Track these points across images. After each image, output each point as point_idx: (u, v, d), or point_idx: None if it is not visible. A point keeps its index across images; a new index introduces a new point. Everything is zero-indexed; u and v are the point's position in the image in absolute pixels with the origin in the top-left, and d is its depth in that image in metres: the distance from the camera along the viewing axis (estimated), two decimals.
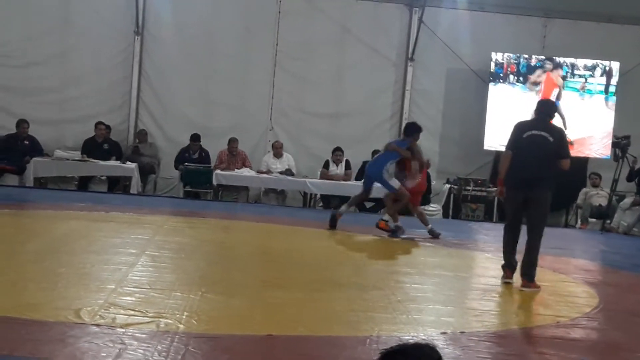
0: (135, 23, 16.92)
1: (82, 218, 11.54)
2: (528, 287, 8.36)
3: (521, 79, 17.26)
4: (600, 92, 17.32)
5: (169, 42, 17.15)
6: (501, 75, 17.22)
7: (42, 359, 4.71)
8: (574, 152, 13.52)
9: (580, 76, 17.34)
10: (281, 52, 17.37)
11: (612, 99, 17.27)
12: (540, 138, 8.38)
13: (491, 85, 17.15)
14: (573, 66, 17.30)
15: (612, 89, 17.28)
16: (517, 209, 8.52)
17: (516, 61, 17.27)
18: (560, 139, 8.48)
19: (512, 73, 17.28)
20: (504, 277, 8.66)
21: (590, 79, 17.31)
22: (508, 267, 8.64)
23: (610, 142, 16.47)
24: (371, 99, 17.62)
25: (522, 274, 8.44)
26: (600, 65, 17.25)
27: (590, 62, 17.28)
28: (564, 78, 17.33)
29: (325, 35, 17.49)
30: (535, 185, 8.33)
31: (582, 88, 17.35)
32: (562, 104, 16.75)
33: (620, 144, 15.28)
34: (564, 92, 17.31)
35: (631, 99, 17.37)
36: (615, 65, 17.22)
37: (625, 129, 16.09)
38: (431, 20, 17.38)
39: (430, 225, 12.31)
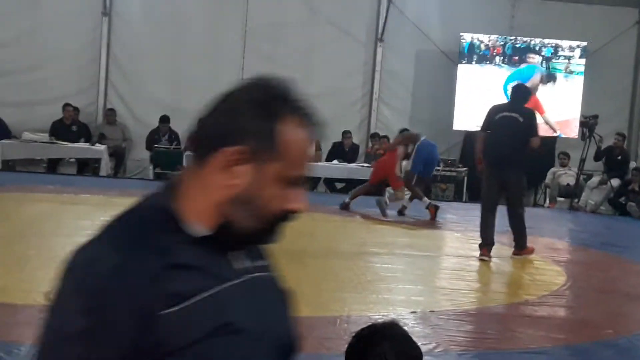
0: (102, 4, 16.75)
1: (51, 200, 11.46)
2: (521, 254, 8.97)
3: (506, 59, 17.33)
4: (580, 73, 17.40)
5: (137, 23, 17.01)
6: (475, 54, 17.23)
7: (11, 342, 4.69)
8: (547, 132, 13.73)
9: (565, 57, 17.42)
10: (250, 32, 17.29)
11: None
12: (511, 119, 8.76)
13: (460, 66, 17.18)
14: (557, 47, 17.37)
15: (580, 68, 17.39)
16: (494, 188, 8.86)
17: (502, 43, 17.32)
18: (529, 119, 8.90)
19: (497, 55, 17.34)
20: (481, 254, 8.89)
21: (572, 60, 17.41)
22: (486, 246, 8.89)
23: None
24: (341, 80, 17.59)
25: (516, 244, 9.04)
26: (581, 45, 17.32)
27: (575, 43, 17.34)
28: (548, 59, 17.41)
29: (295, 16, 17.42)
30: (509, 165, 8.69)
31: (567, 69, 17.44)
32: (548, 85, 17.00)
33: (588, 124, 15.40)
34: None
35: (598, 79, 17.50)
36: (582, 45, 17.33)
37: (593, 109, 16.21)
38: (400, 1, 17.37)
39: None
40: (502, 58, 17.34)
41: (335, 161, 15.99)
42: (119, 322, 1.43)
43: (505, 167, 8.71)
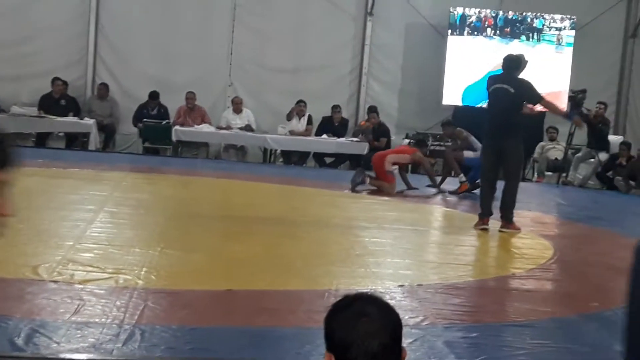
0: None
1: (40, 175, 11.41)
2: (507, 228, 9.04)
3: (498, 32, 17.29)
4: (570, 44, 17.38)
5: None
6: (467, 26, 17.17)
7: (0, 316, 4.71)
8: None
9: (556, 29, 17.40)
10: (240, 6, 17.20)
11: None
12: (502, 91, 8.96)
13: (450, 37, 17.11)
14: (550, 19, 17.37)
15: (570, 40, 17.38)
16: (492, 160, 9.07)
17: (494, 15, 17.29)
18: (521, 89, 9.05)
19: (489, 26, 17.30)
20: (480, 224, 9.11)
21: (562, 32, 17.40)
22: (486, 215, 9.12)
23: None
24: (331, 54, 17.55)
25: (502, 216, 9.10)
26: (571, 18, 17.29)
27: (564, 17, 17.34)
28: (539, 31, 17.39)
29: None
30: (505, 136, 8.90)
31: (559, 40, 17.43)
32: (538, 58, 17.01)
33: (576, 98, 15.41)
34: (541, 45, 17.39)
35: (587, 53, 17.51)
36: (572, 20, 17.31)
37: (582, 83, 16.22)
38: None
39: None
40: (493, 30, 17.31)
41: (324, 135, 15.98)
42: None
43: (501, 138, 8.95)
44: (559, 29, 17.34)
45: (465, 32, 17.20)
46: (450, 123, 14.44)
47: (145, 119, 16.05)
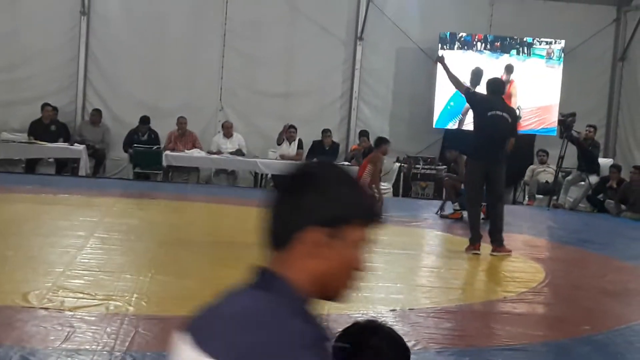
0: (81, 3, 16.66)
1: (30, 201, 11.41)
2: (499, 252, 9.08)
3: (488, 46, 17.37)
4: (560, 60, 17.48)
5: (116, 22, 16.94)
6: (457, 40, 17.25)
7: None
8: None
9: (546, 42, 17.50)
10: (230, 31, 17.26)
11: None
12: (502, 119, 9.09)
13: (440, 52, 17.20)
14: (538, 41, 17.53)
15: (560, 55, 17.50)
16: (481, 182, 9.16)
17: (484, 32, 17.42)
18: (514, 120, 9.33)
19: (479, 41, 17.39)
20: (471, 248, 9.16)
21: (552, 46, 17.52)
22: (477, 240, 9.18)
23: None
24: (321, 78, 17.61)
25: (493, 240, 9.13)
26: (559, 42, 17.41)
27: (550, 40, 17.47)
28: (529, 45, 17.48)
29: (275, 14, 17.41)
30: (498, 159, 9.08)
31: (549, 54, 17.52)
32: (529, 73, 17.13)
33: (565, 122, 15.48)
34: (531, 60, 17.51)
35: (576, 77, 17.61)
36: (560, 44, 17.42)
37: (570, 107, 16.31)
38: (380, 0, 17.40)
39: None
40: (483, 44, 17.39)
41: (315, 160, 15.97)
42: None
43: (493, 162, 9.07)
44: (549, 43, 17.43)
45: (456, 47, 17.26)
46: (453, 148, 14.42)
47: (135, 144, 16.04)
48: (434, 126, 17.34)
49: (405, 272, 8.18)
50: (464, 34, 17.32)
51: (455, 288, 7.46)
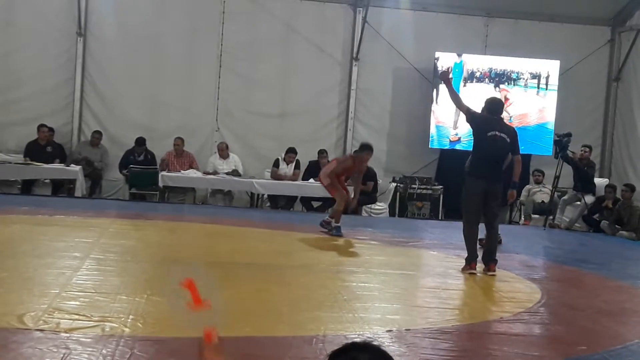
0: (77, 24, 16.72)
1: (25, 222, 11.39)
2: (494, 270, 9.23)
3: (492, 82, 17.45)
4: (553, 89, 17.57)
5: (112, 43, 16.99)
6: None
7: None
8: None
9: (533, 76, 17.58)
10: (226, 52, 17.32)
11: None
12: (501, 140, 9.21)
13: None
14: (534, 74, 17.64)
15: (552, 87, 17.55)
16: (479, 201, 9.22)
17: (489, 69, 17.46)
18: (514, 139, 9.36)
19: (486, 77, 17.46)
20: (467, 268, 9.24)
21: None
22: (473, 259, 9.28)
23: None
24: (317, 98, 17.66)
25: (489, 260, 9.24)
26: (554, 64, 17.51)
27: (550, 68, 17.53)
28: (517, 80, 17.58)
29: (270, 35, 17.48)
30: (497, 179, 9.22)
31: (539, 86, 17.60)
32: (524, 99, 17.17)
33: (561, 142, 15.52)
34: (525, 91, 17.59)
35: (571, 97, 17.68)
36: (555, 64, 17.49)
37: (566, 127, 16.37)
38: (375, 20, 17.47)
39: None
40: (489, 80, 17.48)
41: (311, 180, 16.00)
42: None
43: (492, 181, 9.19)
44: (536, 76, 17.50)
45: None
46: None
47: (131, 165, 16.05)
48: (429, 146, 17.38)
49: (401, 292, 8.17)
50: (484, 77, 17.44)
51: (452, 308, 7.45)
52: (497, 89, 17.23)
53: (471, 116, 9.47)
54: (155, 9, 17.11)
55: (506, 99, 16.68)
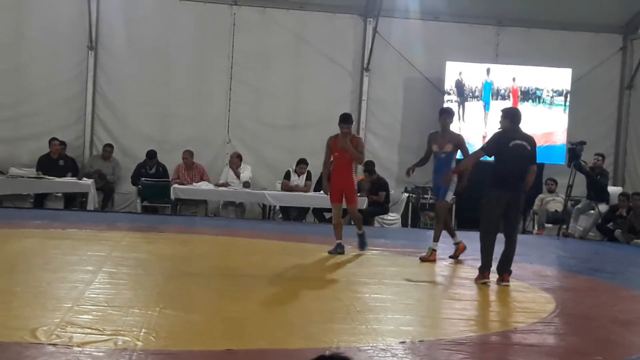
0: (88, 38, 16.79)
1: (38, 236, 11.41)
2: (508, 280, 9.19)
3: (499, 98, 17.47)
4: (560, 104, 17.53)
5: (123, 57, 17.04)
6: (465, 92, 17.35)
7: None
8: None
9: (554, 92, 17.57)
10: (237, 64, 17.35)
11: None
12: (522, 148, 9.23)
13: (447, 97, 17.30)
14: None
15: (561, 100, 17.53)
16: (500, 212, 9.19)
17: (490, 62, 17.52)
18: (533, 147, 9.36)
19: (512, 94, 17.48)
20: (481, 278, 9.20)
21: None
22: (487, 269, 9.25)
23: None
24: (328, 109, 17.59)
25: (504, 270, 9.21)
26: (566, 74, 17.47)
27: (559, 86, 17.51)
28: (533, 96, 17.58)
29: (281, 46, 17.51)
30: (519, 188, 9.25)
31: (551, 101, 17.58)
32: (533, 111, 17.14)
33: (575, 150, 15.46)
34: (550, 109, 17.56)
35: (584, 105, 17.62)
36: (567, 72, 17.44)
37: (578, 135, 16.31)
38: (385, 30, 17.48)
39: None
40: (495, 97, 17.48)
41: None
42: None
43: (514, 191, 9.21)
44: (562, 94, 17.46)
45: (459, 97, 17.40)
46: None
47: (143, 178, 16.07)
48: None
49: (414, 303, 8.13)
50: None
51: (466, 319, 7.40)
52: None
53: (488, 146, 9.47)
54: (165, 22, 17.16)
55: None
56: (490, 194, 9.31)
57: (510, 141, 9.24)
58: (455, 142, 11.34)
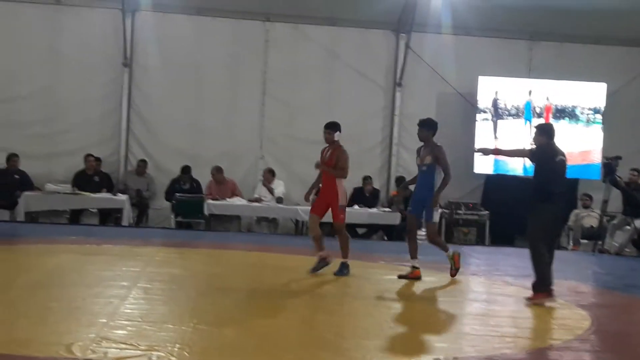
0: (123, 55, 16.97)
1: (74, 251, 11.51)
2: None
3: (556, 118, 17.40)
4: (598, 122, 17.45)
5: (157, 73, 17.19)
6: (499, 111, 17.31)
7: None
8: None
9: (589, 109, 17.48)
10: (270, 79, 17.44)
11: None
12: (564, 163, 9.25)
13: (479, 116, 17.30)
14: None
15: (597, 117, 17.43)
16: (559, 227, 9.54)
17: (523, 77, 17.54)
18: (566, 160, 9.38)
19: (549, 112, 17.43)
20: (546, 296, 8.97)
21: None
22: (548, 288, 9.01)
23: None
24: (361, 124, 17.64)
25: (547, 287, 9.00)
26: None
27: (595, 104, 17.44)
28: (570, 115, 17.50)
29: (313, 61, 17.57)
30: (571, 206, 9.30)
31: (588, 120, 17.49)
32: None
33: (610, 165, 15.30)
34: (573, 125, 17.50)
35: (619, 119, 17.47)
36: (602, 86, 17.31)
37: (614, 150, 16.15)
38: (418, 46, 17.48)
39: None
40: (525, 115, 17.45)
41: (355, 206, 15.96)
42: None
43: (568, 207, 9.31)
44: (599, 111, 17.35)
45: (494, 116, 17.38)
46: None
47: (177, 194, 16.15)
48: (474, 171, 17.26)
49: (448, 319, 8.09)
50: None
51: (500, 335, 7.34)
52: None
53: (533, 154, 9.39)
54: (199, 38, 17.29)
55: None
56: (550, 210, 9.06)
57: (556, 156, 9.19)
58: (434, 154, 11.07)
